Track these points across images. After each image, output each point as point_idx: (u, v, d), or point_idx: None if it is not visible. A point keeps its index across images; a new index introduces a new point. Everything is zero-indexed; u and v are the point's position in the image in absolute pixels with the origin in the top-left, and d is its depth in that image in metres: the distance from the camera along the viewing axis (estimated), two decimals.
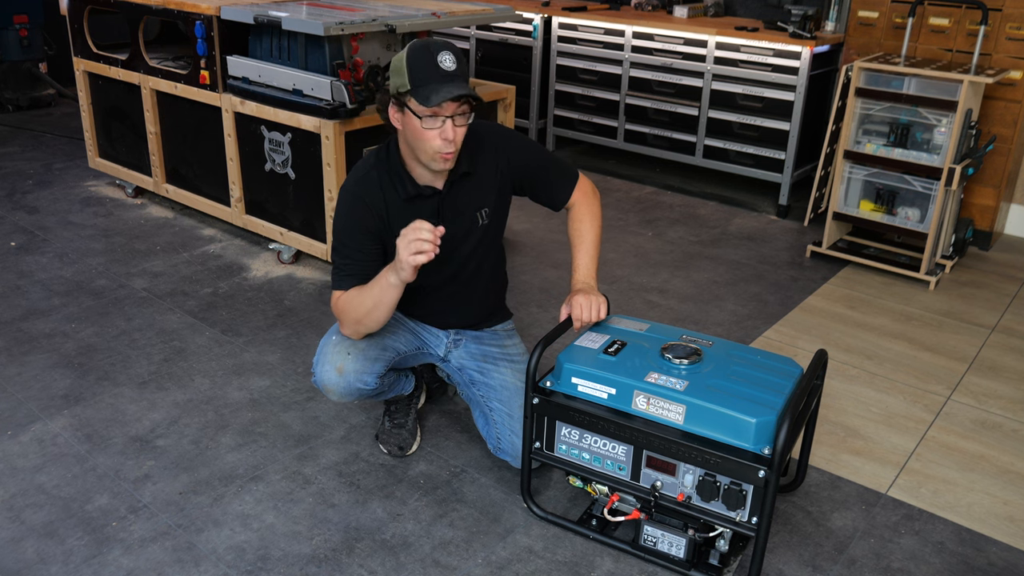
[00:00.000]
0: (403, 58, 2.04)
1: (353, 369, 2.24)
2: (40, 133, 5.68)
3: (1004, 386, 3.04)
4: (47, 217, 4.27)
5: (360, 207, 2.17)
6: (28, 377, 2.88)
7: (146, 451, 2.52)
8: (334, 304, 2.20)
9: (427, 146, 2.08)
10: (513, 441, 2.36)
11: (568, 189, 2.38)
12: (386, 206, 2.19)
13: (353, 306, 2.15)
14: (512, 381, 2.40)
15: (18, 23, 5.89)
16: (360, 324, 2.17)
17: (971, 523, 2.35)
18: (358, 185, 2.20)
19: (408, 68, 2.02)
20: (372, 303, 2.11)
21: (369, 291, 2.11)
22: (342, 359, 2.23)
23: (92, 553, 2.13)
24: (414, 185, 2.20)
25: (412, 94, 2.03)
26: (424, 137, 2.06)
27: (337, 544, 2.19)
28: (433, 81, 2.01)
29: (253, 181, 3.77)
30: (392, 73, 2.07)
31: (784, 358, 2.22)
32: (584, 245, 2.36)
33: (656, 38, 4.84)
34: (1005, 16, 3.97)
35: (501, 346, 2.49)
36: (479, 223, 2.30)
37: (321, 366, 2.27)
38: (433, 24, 3.47)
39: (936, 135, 3.72)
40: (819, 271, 3.95)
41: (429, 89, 2.01)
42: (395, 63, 2.07)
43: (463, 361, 2.47)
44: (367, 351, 2.26)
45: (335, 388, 2.26)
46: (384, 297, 2.09)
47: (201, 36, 3.63)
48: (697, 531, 2.10)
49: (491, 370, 2.43)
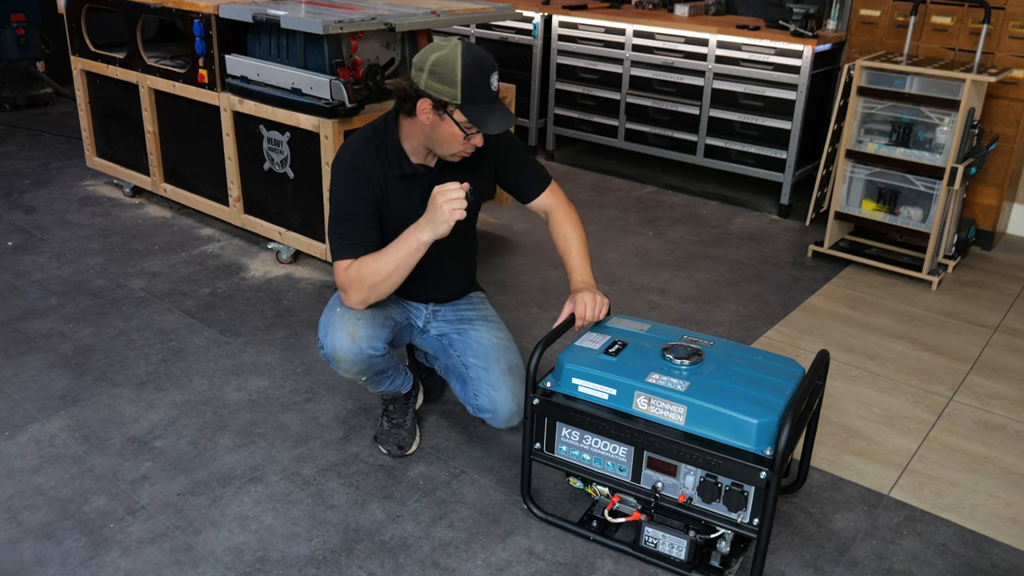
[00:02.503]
0: (456, 69, 2.06)
1: (365, 335, 2.25)
2: (37, 132, 5.67)
3: (1007, 386, 3.02)
4: (44, 217, 4.25)
5: (361, 177, 2.22)
6: (25, 378, 2.86)
7: (144, 452, 2.51)
8: (342, 273, 2.20)
9: (454, 148, 2.18)
10: (490, 394, 2.36)
11: (541, 184, 2.46)
12: (383, 177, 2.25)
13: (371, 271, 2.17)
14: (487, 337, 2.45)
15: (15, 22, 5.88)
16: (374, 290, 2.20)
17: (974, 524, 2.33)
18: (357, 158, 2.24)
19: (462, 83, 2.07)
20: (394, 265, 2.15)
21: (391, 254, 2.15)
22: (353, 325, 2.25)
23: (90, 555, 2.11)
24: (409, 164, 2.27)
25: (462, 109, 2.09)
26: (456, 143, 2.16)
27: (336, 545, 2.17)
28: (483, 102, 2.11)
29: (252, 180, 3.75)
30: (433, 76, 2.08)
31: (786, 359, 2.20)
32: (575, 247, 2.41)
33: (657, 37, 4.83)
34: (1008, 15, 3.96)
35: (476, 308, 2.56)
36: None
37: (332, 335, 2.27)
38: (433, 23, 3.46)
39: (938, 134, 3.71)
40: (821, 271, 3.93)
41: (483, 112, 2.11)
42: (440, 68, 2.07)
43: (441, 328, 2.52)
44: (374, 318, 2.30)
45: (347, 355, 2.26)
46: (410, 258, 2.14)
47: (199, 34, 3.62)
48: (698, 532, 2.09)
49: (467, 329, 2.48)
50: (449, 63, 2.06)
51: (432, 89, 2.08)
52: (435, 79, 2.08)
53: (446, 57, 2.07)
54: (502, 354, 2.41)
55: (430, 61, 2.08)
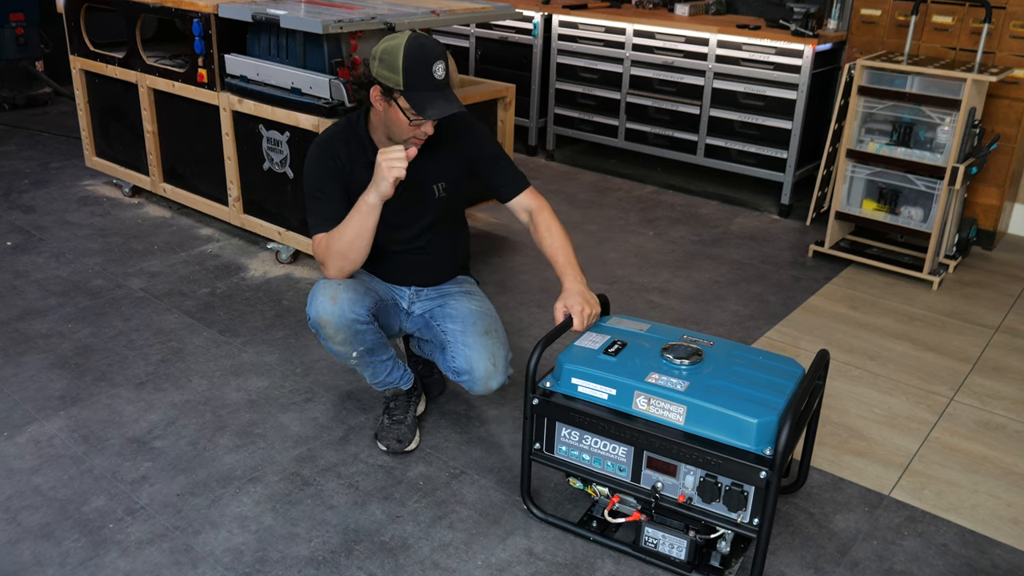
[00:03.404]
0: (398, 56, 2.16)
1: (347, 298, 2.31)
2: (36, 132, 5.66)
3: (1008, 387, 3.02)
4: (43, 216, 4.25)
5: (328, 157, 2.36)
6: (24, 378, 2.86)
7: (143, 452, 2.50)
8: (317, 246, 2.34)
9: (404, 134, 2.26)
10: (466, 355, 2.36)
11: (519, 185, 2.49)
12: (350, 162, 2.37)
13: (337, 239, 2.28)
14: (467, 305, 2.48)
15: (14, 21, 5.87)
16: (345, 258, 2.30)
17: (975, 525, 2.33)
18: (325, 143, 2.39)
19: (404, 71, 2.16)
20: (354, 231, 2.26)
21: (350, 220, 2.26)
22: (334, 290, 2.32)
23: (89, 555, 2.11)
24: (376, 153, 2.30)
25: (404, 96, 2.19)
26: (404, 129, 2.25)
27: (336, 546, 2.17)
28: (426, 89, 2.18)
29: (251, 180, 3.75)
30: (382, 63, 2.19)
31: (786, 358, 2.20)
32: (564, 249, 2.40)
33: (657, 36, 4.82)
34: (1009, 14, 3.95)
35: (460, 285, 2.60)
36: (435, 195, 2.45)
37: (315, 301, 2.33)
38: (433, 22, 3.45)
39: (939, 134, 3.70)
40: (821, 271, 3.93)
41: (423, 98, 2.18)
42: (387, 55, 2.18)
43: (425, 304, 2.56)
44: (356, 286, 2.37)
45: (330, 318, 2.30)
46: (366, 222, 2.24)
47: (199, 34, 3.61)
48: (698, 533, 2.09)
49: (449, 301, 2.53)
50: (393, 51, 2.16)
51: (381, 76, 2.19)
52: (383, 67, 2.18)
53: (392, 46, 2.17)
54: (479, 318, 2.43)
55: (379, 50, 2.20)
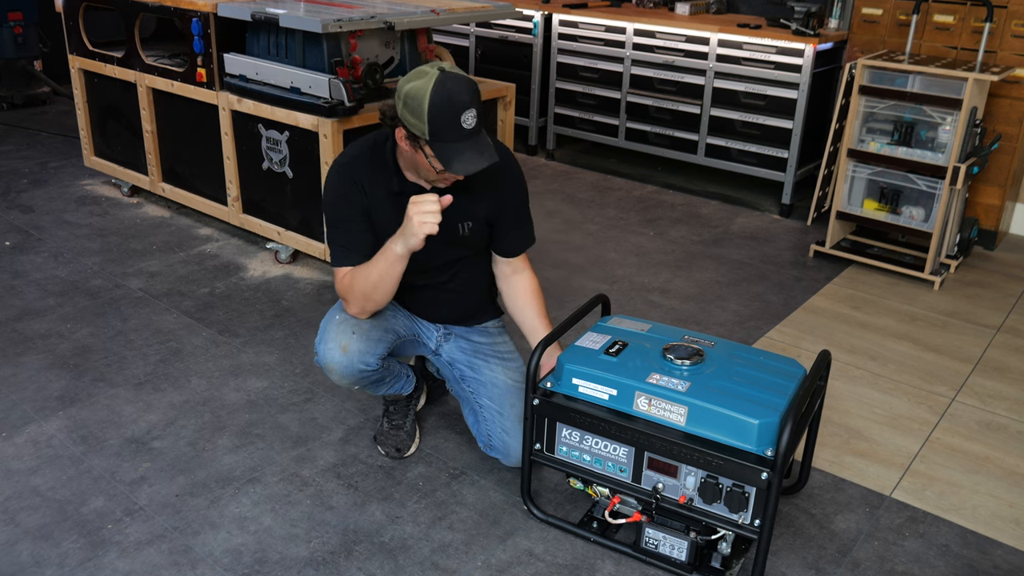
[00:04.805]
0: (424, 103, 1.96)
1: (357, 349, 2.23)
2: (35, 131, 5.65)
3: (1009, 387, 3.01)
4: (42, 216, 4.24)
5: (348, 182, 2.21)
6: (23, 378, 2.85)
7: (142, 453, 2.49)
8: (340, 282, 2.21)
9: (431, 177, 2.12)
10: (504, 439, 2.35)
11: (525, 244, 2.41)
12: (372, 189, 2.21)
13: (360, 280, 2.17)
14: (502, 378, 2.40)
15: (13, 20, 5.86)
16: (368, 299, 2.18)
17: (976, 526, 2.32)
18: (348, 166, 2.22)
19: (429, 120, 1.97)
20: (378, 276, 2.14)
21: (375, 264, 2.14)
22: (347, 338, 2.24)
23: (87, 556, 2.10)
24: (402, 182, 2.21)
25: (431, 146, 2.01)
26: (431, 173, 2.10)
27: (335, 547, 2.16)
28: (452, 140, 2.00)
29: (250, 180, 3.74)
30: (407, 107, 1.99)
31: (787, 359, 2.19)
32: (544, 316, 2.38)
33: (658, 35, 4.82)
34: (1010, 13, 3.94)
35: (491, 343, 2.49)
36: (459, 233, 2.28)
37: (324, 344, 2.26)
38: (432, 21, 3.44)
39: (941, 133, 3.69)
40: (822, 271, 3.92)
41: (451, 151, 2.01)
42: (412, 100, 1.98)
43: (453, 355, 2.47)
44: (371, 332, 2.27)
45: (337, 367, 2.25)
46: (391, 270, 2.12)
47: (198, 33, 3.61)
48: (699, 534, 2.08)
49: (481, 366, 2.43)
50: (419, 96, 1.96)
51: (406, 120, 2.01)
52: (408, 110, 1.99)
53: (417, 90, 1.97)
54: (516, 400, 2.37)
55: (404, 90, 2.00)
